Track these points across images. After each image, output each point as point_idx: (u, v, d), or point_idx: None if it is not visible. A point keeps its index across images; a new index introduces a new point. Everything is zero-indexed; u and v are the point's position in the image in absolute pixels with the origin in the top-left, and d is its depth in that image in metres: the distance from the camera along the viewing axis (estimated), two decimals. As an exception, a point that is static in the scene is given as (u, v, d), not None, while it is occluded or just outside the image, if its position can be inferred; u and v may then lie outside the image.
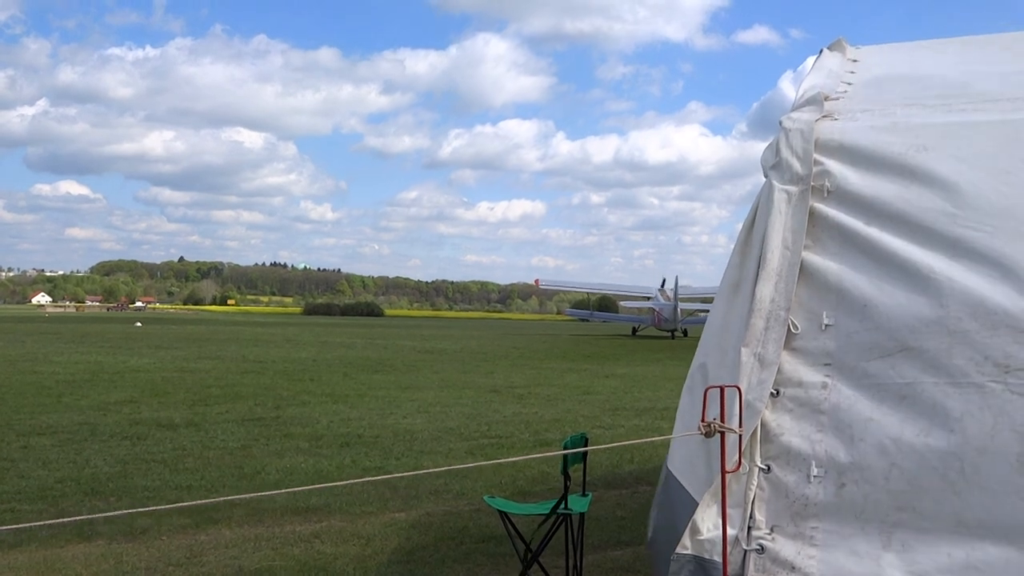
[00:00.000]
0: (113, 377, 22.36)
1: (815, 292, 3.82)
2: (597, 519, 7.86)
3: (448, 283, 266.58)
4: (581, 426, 14.31)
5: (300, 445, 12.39)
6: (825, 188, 3.84)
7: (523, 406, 17.86)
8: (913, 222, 3.68)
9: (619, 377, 25.91)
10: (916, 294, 3.62)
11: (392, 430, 14.04)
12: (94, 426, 13.80)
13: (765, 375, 3.82)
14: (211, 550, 7.15)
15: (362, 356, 33.23)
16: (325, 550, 7.18)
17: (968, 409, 3.49)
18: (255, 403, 17.24)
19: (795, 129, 3.92)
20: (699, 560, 3.87)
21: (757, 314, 3.88)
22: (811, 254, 3.83)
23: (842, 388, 3.72)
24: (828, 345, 3.77)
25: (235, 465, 10.79)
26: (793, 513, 3.74)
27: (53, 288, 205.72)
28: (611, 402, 19.00)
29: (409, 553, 7.15)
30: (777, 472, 3.78)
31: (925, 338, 3.58)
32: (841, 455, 3.68)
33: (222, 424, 14.33)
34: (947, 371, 3.54)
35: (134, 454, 11.44)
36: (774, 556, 3.72)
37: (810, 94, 4.18)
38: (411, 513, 8.42)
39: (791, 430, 3.78)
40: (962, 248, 3.59)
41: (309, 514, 8.26)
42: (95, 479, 9.83)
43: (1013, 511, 3.40)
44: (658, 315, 61.49)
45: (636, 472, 10.58)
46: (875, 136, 3.84)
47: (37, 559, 6.76)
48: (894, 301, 3.65)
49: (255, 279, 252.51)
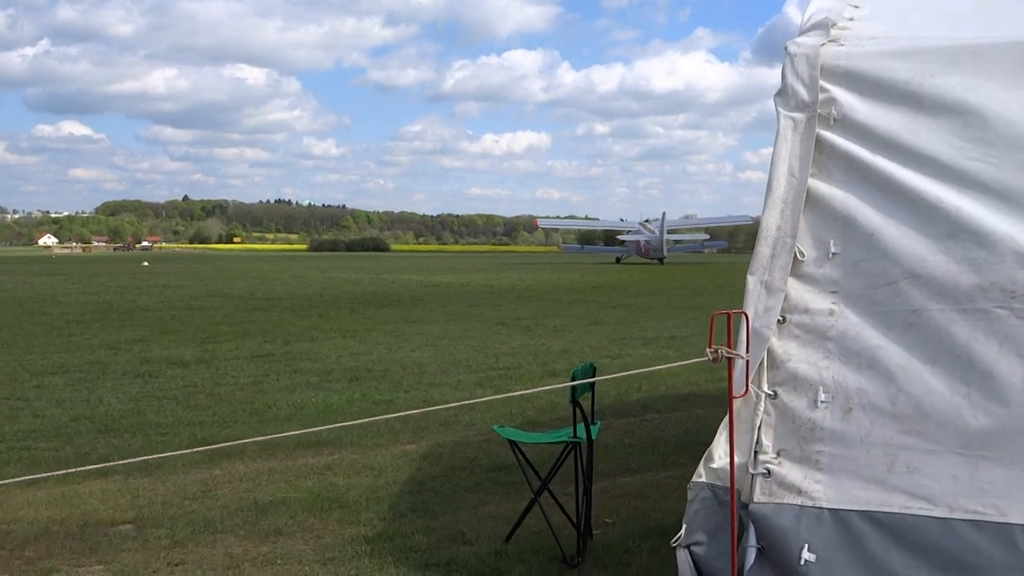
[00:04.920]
0: (122, 316, 22.47)
1: (821, 220, 3.81)
2: (606, 447, 7.95)
3: (453, 217, 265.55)
4: (588, 356, 14.38)
5: (310, 380, 12.48)
6: (831, 116, 3.81)
7: (530, 337, 17.93)
8: (920, 153, 3.66)
9: (626, 307, 25.97)
10: (923, 222, 3.62)
11: (401, 363, 14.12)
12: (105, 365, 13.89)
13: (772, 302, 3.84)
14: (225, 484, 7.25)
15: (369, 291, 33.30)
16: (337, 482, 7.27)
17: (974, 335, 3.51)
18: (264, 339, 17.32)
19: (800, 54, 3.87)
20: (712, 488, 3.93)
21: (763, 241, 3.88)
22: (817, 182, 3.82)
23: (849, 315, 3.74)
24: (835, 273, 3.78)
25: (246, 400, 10.89)
26: (800, 438, 3.78)
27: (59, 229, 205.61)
28: (618, 332, 19.07)
29: (420, 483, 7.24)
30: (784, 398, 3.82)
31: (931, 266, 3.59)
32: (848, 381, 3.71)
33: (232, 361, 14.42)
34: (953, 297, 3.55)
35: (146, 391, 11.54)
36: (780, 479, 3.78)
37: (816, 18, 4.12)
38: (421, 444, 8.50)
39: (798, 356, 3.81)
40: (969, 180, 3.58)
41: (321, 447, 8.35)
42: (109, 417, 9.93)
43: (1017, 434, 3.44)
44: (645, 245, 72.90)
45: (643, 400, 10.66)
46: (881, 62, 3.79)
47: (55, 495, 6.87)
48: (901, 230, 3.65)
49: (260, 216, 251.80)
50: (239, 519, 6.37)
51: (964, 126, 3.63)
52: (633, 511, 6.49)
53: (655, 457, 8.02)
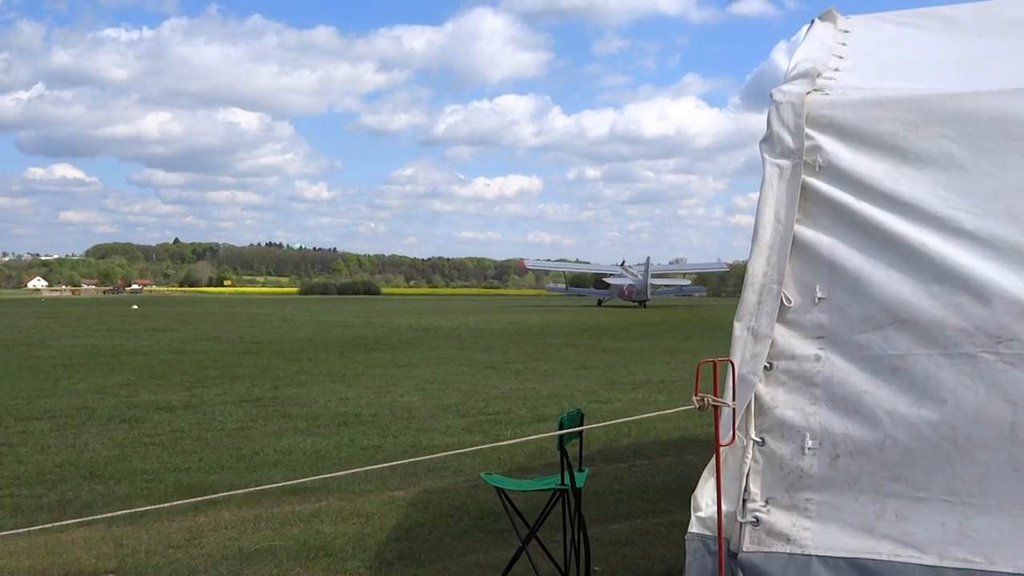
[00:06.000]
0: (110, 360, 22.36)
1: (808, 266, 3.82)
2: (595, 493, 7.89)
3: (444, 260, 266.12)
4: (578, 401, 14.34)
5: (298, 425, 12.41)
6: (816, 163, 3.83)
7: (520, 381, 17.89)
8: (904, 201, 3.69)
9: (616, 351, 25.96)
10: (908, 268, 3.63)
11: (390, 408, 14.07)
12: (92, 410, 13.80)
13: (759, 348, 3.83)
14: (210, 531, 7.17)
15: (359, 335, 33.23)
16: (324, 529, 7.21)
17: (961, 380, 3.51)
18: (252, 384, 17.25)
19: (785, 102, 3.90)
20: (702, 538, 3.90)
21: (750, 287, 3.89)
22: (803, 228, 3.83)
23: (835, 361, 3.73)
24: (821, 318, 3.78)
25: (233, 446, 10.81)
26: (788, 485, 3.76)
27: (49, 272, 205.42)
28: (608, 376, 19.04)
29: (408, 531, 7.18)
30: (771, 445, 3.80)
31: (917, 310, 3.60)
32: (835, 427, 3.70)
33: (220, 405, 14.34)
34: (939, 342, 3.55)
35: (132, 437, 11.45)
36: (769, 528, 3.75)
37: (802, 67, 4.16)
38: (409, 491, 8.44)
39: (785, 403, 3.80)
40: (952, 228, 3.60)
41: (307, 493, 8.28)
42: (94, 463, 9.85)
43: (1006, 480, 3.43)
44: (629, 289, 78.14)
45: (633, 445, 10.62)
46: (865, 112, 3.83)
47: (37, 543, 6.78)
48: (886, 275, 3.66)
49: (251, 260, 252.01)
50: (224, 568, 6.30)
51: (947, 176, 3.66)
52: (622, 559, 6.44)
53: (644, 503, 7.97)
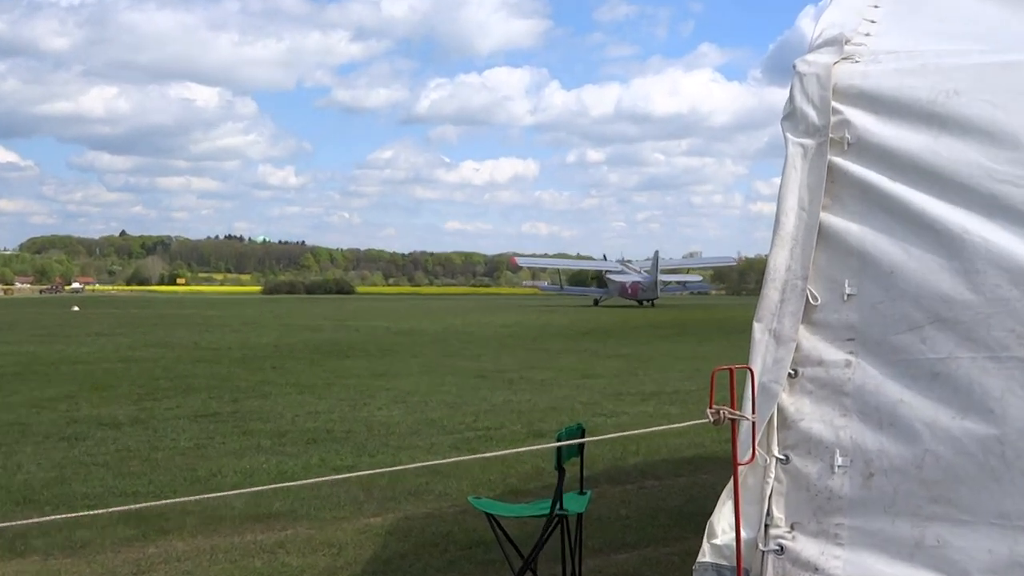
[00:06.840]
0: (48, 369, 22.32)
1: (835, 258, 3.80)
2: (598, 519, 7.90)
3: (427, 255, 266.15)
4: (580, 415, 14.36)
5: (261, 443, 12.41)
6: (845, 140, 3.81)
7: (514, 393, 17.91)
8: (944, 177, 3.66)
9: (622, 357, 25.98)
10: (948, 258, 3.61)
11: (365, 423, 14.07)
12: (26, 426, 13.78)
13: (781, 353, 3.82)
14: (161, 564, 7.16)
15: (330, 340, 33.22)
16: (291, 562, 7.20)
17: (1010, 386, 3.49)
18: (209, 396, 17.24)
19: (810, 74, 3.88)
20: (718, 568, 3.89)
21: (771, 284, 3.87)
22: (830, 215, 3.82)
23: (867, 366, 3.72)
24: (851, 317, 3.76)
25: (187, 467, 10.80)
26: (815, 508, 3.75)
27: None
28: (613, 386, 19.06)
29: (386, 563, 7.18)
30: (797, 463, 3.79)
31: (959, 308, 3.58)
32: (868, 442, 3.69)
33: (172, 421, 14.33)
34: (985, 344, 3.54)
35: (72, 457, 11.44)
36: (795, 557, 3.74)
37: (828, 33, 4.14)
38: (388, 517, 8.44)
39: (811, 415, 3.79)
40: (999, 206, 3.57)
41: (272, 521, 8.27)
42: (28, 486, 9.83)
43: (1061, 501, 3.42)
44: (634, 286, 79.46)
45: (642, 465, 10.63)
46: (900, 80, 3.81)
47: (-37, 579, 6.78)
48: (924, 266, 3.64)
49: (207, 255, 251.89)
50: (175, 605, 6.30)
51: (993, 145, 3.64)
52: (629, 593, 6.45)
53: (655, 530, 7.98)
